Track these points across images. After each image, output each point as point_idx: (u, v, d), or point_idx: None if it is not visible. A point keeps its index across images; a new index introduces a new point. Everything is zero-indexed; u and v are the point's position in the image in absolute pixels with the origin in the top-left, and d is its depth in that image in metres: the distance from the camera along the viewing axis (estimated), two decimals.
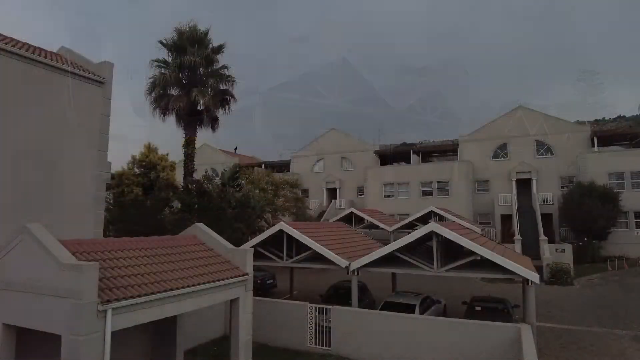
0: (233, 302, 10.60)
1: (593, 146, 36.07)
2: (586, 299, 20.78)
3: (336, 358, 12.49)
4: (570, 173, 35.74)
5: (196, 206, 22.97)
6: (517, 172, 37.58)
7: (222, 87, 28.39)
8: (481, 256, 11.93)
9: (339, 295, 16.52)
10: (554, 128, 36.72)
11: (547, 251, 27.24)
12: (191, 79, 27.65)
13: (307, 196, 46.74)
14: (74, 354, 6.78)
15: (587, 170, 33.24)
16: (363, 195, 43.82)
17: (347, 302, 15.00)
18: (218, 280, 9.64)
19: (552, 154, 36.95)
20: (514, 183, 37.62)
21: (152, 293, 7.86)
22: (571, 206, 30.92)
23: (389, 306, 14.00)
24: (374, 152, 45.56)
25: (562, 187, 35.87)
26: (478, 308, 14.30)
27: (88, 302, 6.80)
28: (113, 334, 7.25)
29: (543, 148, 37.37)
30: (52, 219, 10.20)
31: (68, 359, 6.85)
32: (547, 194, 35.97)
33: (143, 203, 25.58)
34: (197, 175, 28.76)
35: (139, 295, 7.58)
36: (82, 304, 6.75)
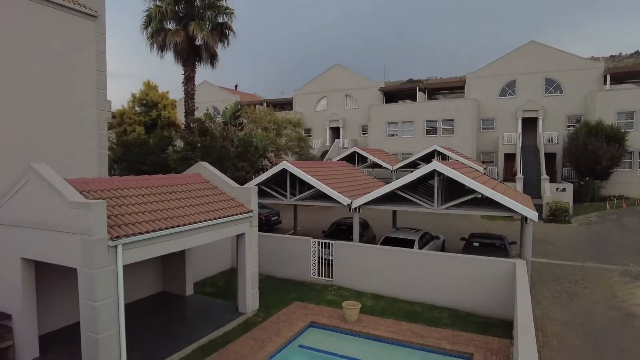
0: (239, 238, 10.98)
1: (605, 84, 34.94)
2: (582, 236, 21.35)
3: (338, 288, 13.18)
4: (578, 112, 35.02)
5: (199, 145, 22.95)
6: (523, 111, 36.85)
7: (220, 20, 27.10)
8: (482, 194, 12.09)
9: (340, 231, 17.04)
10: (566, 64, 35.35)
11: (548, 190, 27.53)
12: (188, 11, 26.35)
13: (310, 135, 46.47)
14: (89, 285, 7.17)
15: (596, 109, 32.49)
16: (366, 135, 43.48)
17: (348, 237, 15.51)
18: (224, 216, 9.90)
19: (561, 92, 35.92)
20: (519, 122, 37.05)
21: (160, 229, 8.12)
22: (576, 146, 30.67)
23: (389, 241, 14.48)
24: (379, 90, 44.45)
25: (569, 126, 35.32)
26: (476, 244, 14.75)
27: (99, 239, 7.06)
28: (125, 267, 7.61)
29: (552, 86, 36.26)
30: (55, 159, 10.27)
31: (84, 290, 7.27)
32: (552, 134, 35.56)
33: (146, 142, 25.58)
34: (198, 114, 28.40)
35: (147, 232, 7.84)
36: (93, 240, 7.01)
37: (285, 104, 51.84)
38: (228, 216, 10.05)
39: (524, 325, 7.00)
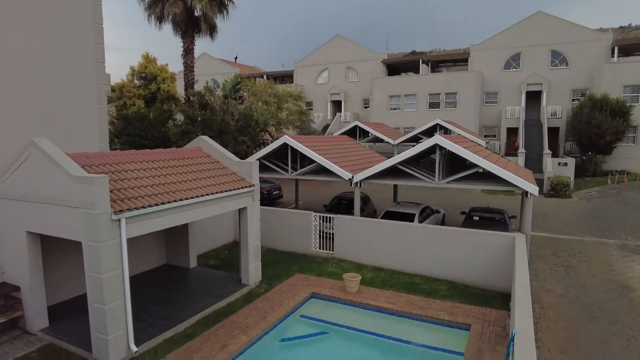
0: (241, 211, 11.07)
1: (613, 56, 34.25)
2: (582, 211, 21.47)
3: (338, 260, 13.40)
4: (583, 85, 34.49)
5: (199, 119, 22.81)
6: (528, 84, 36.31)
7: None
8: (483, 168, 12.09)
9: (342, 205, 17.16)
10: (573, 36, 34.55)
11: (550, 165, 27.49)
12: None
13: (311, 109, 46.06)
14: (94, 258, 7.30)
15: (602, 82, 31.99)
16: (368, 108, 43.06)
17: (349, 211, 15.64)
18: (226, 190, 9.95)
19: (567, 64, 35.27)
20: (523, 95, 36.58)
21: (162, 203, 8.19)
22: (580, 120, 30.40)
23: (390, 215, 14.60)
24: (382, 62, 43.70)
25: (574, 100, 34.88)
26: (476, 218, 14.86)
27: (102, 213, 7.13)
28: (129, 240, 7.72)
29: (558, 58, 35.57)
30: (56, 133, 10.22)
31: (90, 263, 7.40)
32: (556, 107, 35.17)
33: (146, 116, 25.42)
34: (198, 87, 28.08)
35: (150, 206, 7.90)
36: (96, 214, 7.08)
37: (285, 77, 51.14)
38: (230, 190, 10.09)
39: (521, 298, 7.14)
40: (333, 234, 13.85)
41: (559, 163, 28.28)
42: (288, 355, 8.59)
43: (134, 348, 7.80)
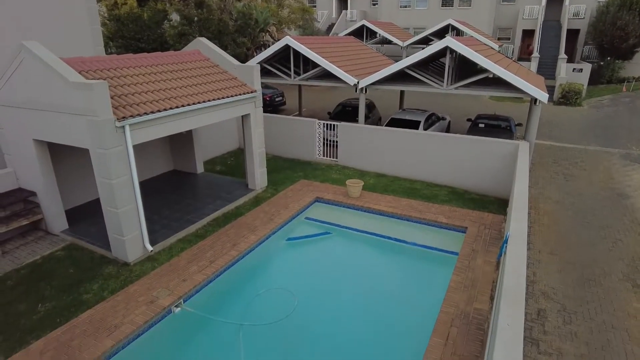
0: (244, 118, 10.98)
1: None
2: (591, 119, 21.12)
3: (342, 167, 13.66)
4: None
5: (196, 19, 21.44)
6: None
7: None
8: (493, 74, 11.63)
9: (346, 112, 16.93)
10: None
11: (564, 70, 26.31)
12: None
13: (315, 6, 42.88)
14: (103, 165, 7.45)
15: None
16: (376, 6, 40.00)
17: (354, 119, 15.47)
18: (228, 96, 9.76)
19: None
20: None
21: (165, 109, 8.09)
22: (604, 21, 28.30)
23: (395, 122, 14.47)
24: None
25: None
26: (481, 125, 14.73)
27: (105, 120, 7.09)
28: (135, 147, 7.80)
29: None
30: (47, 37, 9.72)
31: (99, 169, 7.58)
32: (580, 7, 32.48)
33: (140, 16, 23.86)
34: None
35: (153, 112, 7.82)
36: (99, 121, 7.04)
37: None
38: (232, 96, 9.89)
39: (519, 203, 7.38)
40: (337, 141, 13.89)
41: (574, 69, 27.02)
42: (294, 253, 9.24)
43: (149, 247, 8.37)
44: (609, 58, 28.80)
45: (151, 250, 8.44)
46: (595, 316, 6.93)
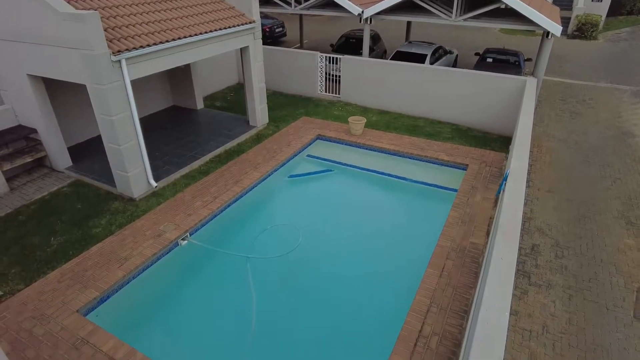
0: (243, 51, 10.59)
1: None
2: (605, 54, 20.27)
3: (344, 104, 13.42)
4: None
5: None
6: None
7: None
8: (505, 4, 10.98)
9: (350, 44, 16.26)
10: None
11: (582, 0, 24.76)
12: None
13: None
14: (102, 101, 7.32)
15: None
16: None
17: (358, 52, 14.90)
18: (226, 27, 9.32)
19: None
20: None
21: (162, 42, 7.78)
22: None
23: (400, 56, 13.94)
24: None
25: None
26: (489, 59, 14.22)
27: (100, 53, 6.83)
28: (134, 82, 7.61)
29: None
30: None
31: (98, 106, 7.46)
32: None
33: None
34: None
35: (149, 45, 7.53)
36: (94, 54, 6.79)
37: None
38: (230, 27, 9.44)
39: (521, 140, 7.33)
40: (340, 76, 13.49)
41: None
42: (296, 190, 9.40)
43: (153, 183, 8.50)
44: None
45: (155, 186, 8.59)
46: (586, 251, 7.19)
